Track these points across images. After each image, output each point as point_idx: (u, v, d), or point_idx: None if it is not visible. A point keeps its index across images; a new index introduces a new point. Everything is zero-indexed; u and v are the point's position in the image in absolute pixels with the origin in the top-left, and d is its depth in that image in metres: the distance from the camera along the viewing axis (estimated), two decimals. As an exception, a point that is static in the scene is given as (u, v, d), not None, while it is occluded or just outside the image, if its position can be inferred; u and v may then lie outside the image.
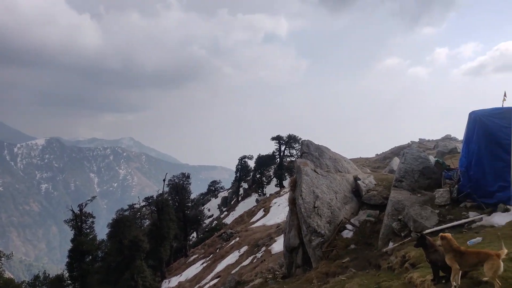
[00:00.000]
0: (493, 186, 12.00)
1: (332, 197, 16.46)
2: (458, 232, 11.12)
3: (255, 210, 57.86)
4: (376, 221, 15.47)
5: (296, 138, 69.85)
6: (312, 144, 19.45)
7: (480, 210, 11.99)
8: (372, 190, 17.23)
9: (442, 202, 12.94)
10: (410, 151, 16.46)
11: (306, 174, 16.87)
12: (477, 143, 12.34)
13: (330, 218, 15.61)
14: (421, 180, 15.05)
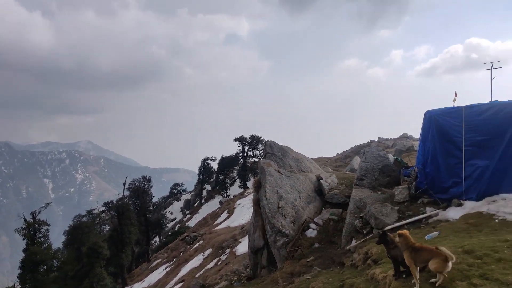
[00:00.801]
0: (448, 182, 12.54)
1: (296, 196, 16.59)
2: (417, 227, 11.51)
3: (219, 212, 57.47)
4: (338, 219, 15.75)
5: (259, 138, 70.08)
6: (275, 145, 19.52)
7: (436, 205, 12.49)
8: (335, 189, 17.55)
9: (401, 199, 13.36)
10: (370, 150, 16.90)
11: (270, 174, 16.90)
12: (432, 141, 12.85)
13: (294, 218, 15.72)
14: (381, 178, 15.48)
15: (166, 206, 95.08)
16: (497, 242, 7.83)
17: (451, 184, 12.53)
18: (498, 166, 11.74)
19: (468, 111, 12.29)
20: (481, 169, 11.92)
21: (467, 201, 11.85)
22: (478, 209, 11.09)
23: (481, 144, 12.09)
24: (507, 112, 11.96)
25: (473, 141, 12.13)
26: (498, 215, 10.28)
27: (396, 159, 16.90)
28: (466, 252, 7.78)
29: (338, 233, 14.86)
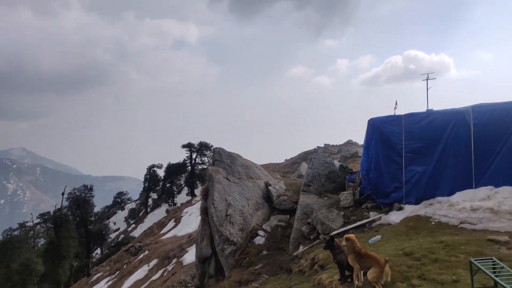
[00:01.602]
0: (389, 187, 13.11)
1: (244, 204, 16.51)
2: (361, 231, 11.87)
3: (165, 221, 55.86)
4: (286, 225, 15.87)
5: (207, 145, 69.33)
6: (224, 152, 19.35)
7: (379, 209, 12.98)
8: (283, 195, 17.70)
9: (346, 204, 13.74)
10: (317, 156, 17.27)
11: (218, 182, 16.69)
12: (375, 148, 13.39)
13: (242, 226, 15.60)
14: (327, 184, 15.85)
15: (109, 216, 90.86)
16: (434, 244, 8.24)
17: (392, 189, 13.10)
18: (434, 171, 12.47)
19: (407, 119, 12.99)
20: (419, 174, 12.60)
21: (407, 205, 12.44)
22: (417, 212, 11.68)
23: (419, 150, 12.80)
24: (441, 120, 12.77)
25: (412, 147, 12.82)
26: (434, 217, 10.87)
27: (342, 165, 17.41)
28: (406, 254, 8.11)
29: (286, 239, 14.95)
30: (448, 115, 12.82)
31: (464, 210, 10.56)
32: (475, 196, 11.51)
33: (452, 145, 12.51)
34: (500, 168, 12.16)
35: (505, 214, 9.75)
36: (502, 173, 12.09)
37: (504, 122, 12.39)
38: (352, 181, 15.23)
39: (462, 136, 12.47)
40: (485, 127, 12.39)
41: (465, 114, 12.61)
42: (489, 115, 12.49)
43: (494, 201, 10.74)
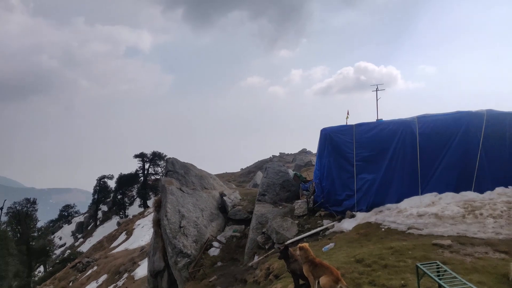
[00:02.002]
0: (341, 195, 13.42)
1: (198, 215, 16.20)
2: (315, 239, 12.02)
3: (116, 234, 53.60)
4: (241, 236, 15.75)
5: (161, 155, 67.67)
6: (177, 162, 18.96)
7: (332, 217, 13.23)
8: (238, 205, 17.59)
9: (300, 213, 13.89)
10: (272, 165, 17.39)
11: (172, 193, 16.28)
12: (327, 157, 13.69)
13: (196, 237, 15.27)
14: (282, 193, 15.97)
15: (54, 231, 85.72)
16: (383, 250, 8.49)
17: (344, 197, 13.42)
18: (383, 179, 12.95)
19: (358, 129, 13.42)
20: (369, 182, 13.02)
21: (359, 212, 12.79)
22: (368, 219, 12.01)
23: (369, 159, 13.25)
24: (389, 130, 13.33)
25: (362, 156, 13.24)
26: (384, 224, 11.23)
27: (296, 174, 17.63)
28: (357, 261, 8.27)
29: (241, 249, 14.82)
30: (395, 125, 13.41)
31: (411, 216, 11.00)
32: (421, 203, 12.06)
33: (400, 154, 13.08)
34: (443, 175, 12.87)
35: (448, 219, 10.27)
36: (445, 180, 12.80)
37: (446, 132, 13.18)
38: (306, 190, 15.45)
39: (409, 145, 13.08)
40: (429, 137, 13.10)
41: (411, 124, 13.26)
42: (432, 125, 13.23)
43: (438, 207, 11.30)
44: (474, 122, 13.24)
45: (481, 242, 8.46)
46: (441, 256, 7.49)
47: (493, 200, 11.48)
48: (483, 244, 8.33)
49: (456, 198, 12.10)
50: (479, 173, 12.92)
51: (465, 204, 11.27)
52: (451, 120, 13.30)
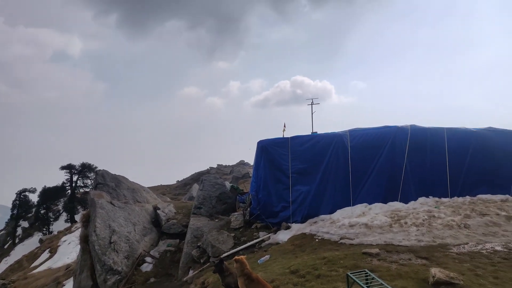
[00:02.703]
0: (277, 206, 13.59)
1: (130, 229, 15.45)
2: (251, 252, 11.97)
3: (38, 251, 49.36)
4: (176, 250, 15.29)
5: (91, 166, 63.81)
6: (108, 174, 18.01)
7: (268, 229, 13.31)
8: (172, 218, 17.08)
9: (236, 225, 13.81)
10: (208, 178, 17.18)
11: (101, 207, 15.37)
12: (264, 169, 13.82)
13: (128, 253, 14.53)
14: (218, 206, 15.79)
15: (-37, 251, 76.93)
16: (317, 260, 8.66)
17: (280, 209, 13.59)
18: (317, 191, 13.35)
19: (293, 142, 13.75)
20: (304, 194, 13.34)
21: (294, 224, 13.01)
22: (303, 230, 12.25)
23: (304, 171, 13.61)
24: (323, 143, 13.83)
25: (297, 168, 13.56)
26: (318, 234, 11.51)
27: (233, 186, 17.58)
28: (292, 272, 8.34)
29: (175, 264, 14.36)
30: (329, 138, 13.95)
31: (343, 227, 11.39)
32: (353, 213, 12.57)
33: (333, 166, 13.60)
34: (373, 187, 13.59)
35: (376, 229, 10.78)
36: (374, 191, 13.52)
37: (375, 145, 13.98)
38: (242, 202, 15.44)
39: (341, 157, 13.66)
40: (360, 149, 13.80)
41: (343, 137, 13.88)
42: (363, 138, 13.97)
43: (368, 217, 11.83)
44: (400, 136, 14.22)
45: (405, 250, 8.96)
46: (369, 264, 7.79)
47: (416, 210, 12.31)
48: (407, 251, 8.83)
49: (384, 208, 12.81)
50: (404, 184, 13.84)
51: (392, 214, 11.95)
52: (380, 134, 14.14)
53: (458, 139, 14.85)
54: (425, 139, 14.46)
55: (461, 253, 8.54)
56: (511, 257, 8.16)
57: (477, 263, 7.71)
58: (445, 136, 14.69)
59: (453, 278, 6.26)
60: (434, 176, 14.38)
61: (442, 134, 14.75)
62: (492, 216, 11.51)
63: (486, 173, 14.86)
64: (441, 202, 13.44)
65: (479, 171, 14.80)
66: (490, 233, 10.33)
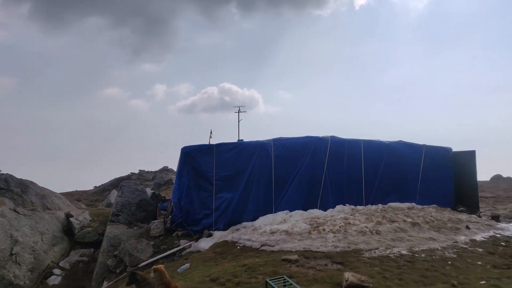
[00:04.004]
0: (200, 214, 13.37)
1: (37, 239, 14.08)
2: (171, 260, 11.59)
3: None
4: (90, 260, 14.29)
5: (-6, 170, 57.70)
6: (13, 179, 16.33)
7: (190, 237, 13.02)
8: (87, 226, 15.95)
9: (157, 233, 13.31)
10: (128, 184, 16.39)
11: (2, 215, 13.82)
12: (187, 176, 13.53)
13: (33, 265, 13.20)
14: (138, 213, 15.10)
15: None
16: (237, 267, 8.63)
17: (203, 216, 13.39)
18: (241, 198, 13.40)
19: (218, 149, 13.68)
20: (228, 201, 13.31)
21: (216, 231, 12.89)
22: (225, 238, 12.17)
23: (228, 178, 13.58)
24: (248, 151, 13.95)
25: (221, 176, 13.50)
26: (240, 242, 11.51)
27: (154, 193, 16.97)
28: (212, 280, 8.21)
29: (88, 275, 13.39)
30: (253, 146, 14.12)
31: (265, 234, 11.52)
32: (274, 220, 12.81)
33: (257, 174, 13.78)
34: (294, 194, 14.00)
35: (296, 235, 11.07)
36: (295, 198, 13.94)
37: (298, 154, 14.46)
38: (164, 209, 14.95)
39: (265, 165, 13.90)
40: (283, 158, 14.17)
41: (267, 146, 14.14)
42: (286, 147, 14.37)
43: (289, 224, 12.14)
44: (320, 146, 14.88)
45: (322, 255, 9.31)
46: (288, 271, 7.95)
47: (333, 217, 12.92)
48: (324, 257, 9.18)
49: (304, 215, 13.25)
50: (324, 192, 14.49)
51: (311, 221, 12.40)
52: (302, 144, 14.68)
53: (373, 151, 15.98)
54: (343, 150, 15.32)
55: (372, 258, 9.09)
56: (414, 260, 8.88)
57: (386, 266, 8.25)
58: (362, 148, 15.72)
59: (364, 281, 6.59)
60: (351, 185, 15.28)
61: (359, 145, 15.75)
62: (400, 223, 12.47)
63: (396, 183, 16.16)
64: (357, 209, 14.29)
65: (390, 180, 16.05)
66: (397, 238, 11.17)
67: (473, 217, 14.80)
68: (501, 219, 15.85)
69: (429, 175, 16.96)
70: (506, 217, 16.52)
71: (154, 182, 36.35)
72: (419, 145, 17.35)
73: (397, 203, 15.67)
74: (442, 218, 13.61)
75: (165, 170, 61.21)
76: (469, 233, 12.33)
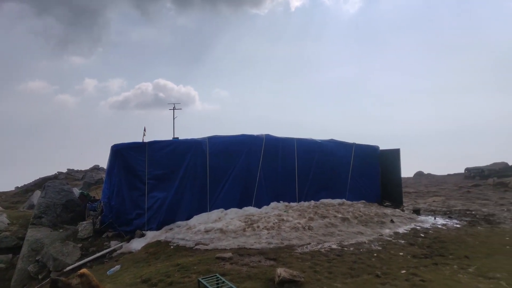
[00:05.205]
0: (132, 214, 12.89)
1: None
2: (101, 263, 11.06)
3: None
4: (8, 266, 13.17)
5: None
6: None
7: (121, 238, 12.50)
8: (5, 230, 14.65)
9: (85, 235, 12.61)
10: (53, 184, 15.34)
11: None
12: (118, 174, 12.96)
13: None
14: (64, 215, 14.19)
15: None
16: (170, 267, 8.46)
17: (135, 216, 12.93)
18: (174, 197, 13.14)
19: (151, 147, 13.27)
20: (161, 200, 12.97)
21: (149, 231, 12.51)
22: (158, 237, 11.86)
23: (161, 177, 13.24)
24: (182, 149, 13.72)
25: (155, 174, 13.13)
26: (174, 241, 11.29)
27: (82, 193, 16.05)
28: (143, 281, 7.96)
29: (6, 283, 12.33)
30: (188, 144, 13.91)
31: (199, 232, 11.41)
32: (209, 219, 12.74)
33: (191, 172, 13.60)
34: (229, 192, 14.03)
35: (230, 233, 11.11)
36: (230, 196, 13.97)
37: (233, 152, 14.51)
38: (93, 210, 14.21)
39: (200, 164, 13.76)
40: (218, 156, 14.12)
41: (202, 144, 14.01)
42: (221, 146, 14.34)
43: (224, 222, 12.14)
44: (255, 145, 15.07)
45: (256, 252, 9.44)
46: (222, 268, 7.94)
47: (268, 214, 13.15)
48: (257, 253, 9.31)
49: (239, 213, 13.34)
50: (258, 190, 14.68)
51: (246, 218, 12.51)
52: (237, 142, 14.75)
53: (306, 149, 16.51)
54: (277, 148, 15.66)
55: (304, 253, 9.39)
56: (343, 253, 9.32)
57: (316, 260, 8.57)
58: (295, 146, 16.17)
59: (295, 276, 6.78)
60: (285, 182, 15.66)
61: (292, 144, 16.19)
62: (331, 218, 13.03)
63: (328, 180, 16.86)
64: (290, 206, 14.68)
65: (322, 178, 16.70)
66: (328, 233, 11.66)
67: (397, 211, 15.88)
68: (421, 212, 17.23)
69: (358, 172, 17.90)
70: (426, 210, 17.99)
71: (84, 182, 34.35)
72: (349, 143, 18.24)
73: (329, 199, 16.34)
74: (370, 213, 14.43)
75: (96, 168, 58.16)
76: (393, 226, 13.23)
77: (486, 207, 18.36)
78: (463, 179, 36.28)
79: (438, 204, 20.22)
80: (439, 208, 18.59)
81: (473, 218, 15.45)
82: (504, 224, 13.84)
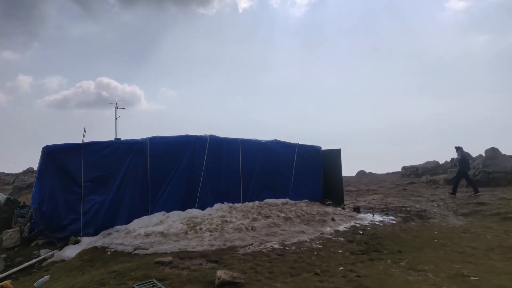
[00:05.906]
0: (66, 219, 12.10)
1: None
2: (28, 273, 10.26)
3: None
4: None
5: None
6: None
7: (52, 246, 11.68)
8: None
9: (11, 244, 11.64)
10: (-25, 188, 14.02)
11: None
12: (50, 178, 12.10)
13: None
14: (-13, 222, 13.01)
15: None
16: (106, 274, 8.02)
17: (69, 221, 12.16)
18: (114, 200, 12.53)
19: (88, 148, 12.55)
20: (99, 204, 12.31)
21: (84, 237, 11.81)
22: (94, 243, 11.23)
23: (99, 180, 12.57)
24: (122, 150, 13.13)
25: (92, 177, 12.43)
26: (111, 247, 10.76)
27: (9, 198, 14.80)
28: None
29: None
30: (128, 145, 13.35)
31: (139, 237, 10.98)
32: (150, 222, 12.31)
33: (131, 174, 13.06)
34: (172, 194, 13.66)
35: (172, 236, 10.80)
36: (173, 198, 13.61)
37: (176, 153, 14.15)
38: (21, 216, 13.15)
39: (140, 165, 13.25)
40: (160, 158, 13.70)
41: (143, 144, 13.52)
42: (163, 146, 13.93)
43: (165, 225, 11.79)
44: (199, 145, 14.84)
45: (198, 255, 9.24)
46: (161, 273, 7.66)
47: (211, 216, 12.97)
48: (199, 256, 9.11)
49: (182, 215, 13.02)
50: (202, 191, 14.46)
51: (189, 220, 12.24)
52: (180, 143, 14.42)
53: (250, 149, 16.56)
54: (222, 149, 15.55)
55: (246, 254, 9.34)
56: (284, 253, 9.40)
57: (258, 261, 8.56)
58: (240, 146, 16.15)
59: (235, 277, 6.70)
60: (229, 183, 15.58)
61: (237, 144, 16.16)
62: (274, 218, 13.13)
63: (271, 179, 17.03)
64: (234, 207, 14.61)
65: (266, 178, 16.83)
66: (271, 233, 11.72)
67: (338, 210, 16.40)
68: (361, 210, 17.94)
69: (301, 172, 18.27)
70: (366, 208, 18.77)
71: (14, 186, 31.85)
72: (292, 144, 18.57)
73: (273, 199, 16.51)
74: (312, 212, 14.75)
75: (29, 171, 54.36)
76: (334, 224, 13.61)
77: (419, 203, 19.53)
78: (400, 177, 38.50)
79: (377, 202, 21.19)
80: (378, 206, 19.47)
81: (407, 214, 16.36)
82: (434, 219, 14.79)
